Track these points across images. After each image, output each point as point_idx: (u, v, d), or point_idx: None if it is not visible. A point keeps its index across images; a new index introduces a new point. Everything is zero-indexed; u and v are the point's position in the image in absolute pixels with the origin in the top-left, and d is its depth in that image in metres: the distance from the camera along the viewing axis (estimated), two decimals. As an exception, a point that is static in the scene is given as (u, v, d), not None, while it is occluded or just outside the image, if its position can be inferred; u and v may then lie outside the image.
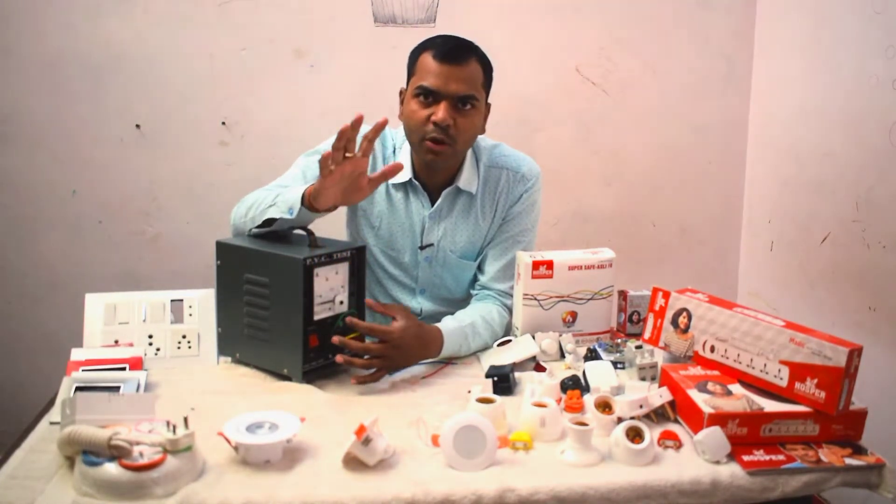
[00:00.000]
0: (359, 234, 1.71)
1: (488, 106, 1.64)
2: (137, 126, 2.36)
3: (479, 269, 1.74)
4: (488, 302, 1.68)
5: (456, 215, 1.68)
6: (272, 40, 2.36)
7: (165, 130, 2.37)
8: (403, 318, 1.43)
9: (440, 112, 1.53)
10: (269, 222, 1.45)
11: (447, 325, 1.53)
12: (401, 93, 1.64)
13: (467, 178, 1.66)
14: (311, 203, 1.39)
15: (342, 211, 1.73)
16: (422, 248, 1.68)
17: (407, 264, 1.70)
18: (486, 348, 1.59)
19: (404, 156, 1.66)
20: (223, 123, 2.39)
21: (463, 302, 1.73)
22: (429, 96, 1.54)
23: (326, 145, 1.64)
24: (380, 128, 1.37)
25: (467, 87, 1.54)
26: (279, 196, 1.44)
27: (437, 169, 1.64)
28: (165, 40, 2.31)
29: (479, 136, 1.67)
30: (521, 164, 1.71)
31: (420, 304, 1.73)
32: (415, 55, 1.60)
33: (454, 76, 1.53)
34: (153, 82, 2.33)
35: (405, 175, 1.64)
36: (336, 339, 1.36)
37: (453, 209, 1.68)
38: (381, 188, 1.66)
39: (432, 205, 1.67)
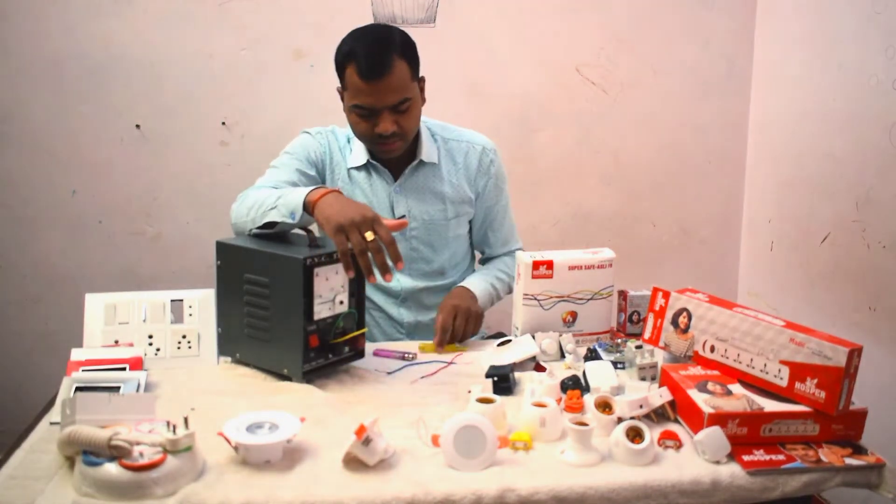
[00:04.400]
0: None
1: (422, 80, 1.68)
2: (137, 126, 2.36)
3: (480, 245, 1.91)
4: (495, 260, 1.88)
5: (420, 185, 1.76)
6: (272, 40, 2.36)
7: (165, 130, 2.37)
8: (444, 302, 1.65)
9: (382, 124, 1.59)
10: (269, 224, 1.45)
11: (469, 280, 1.74)
12: (339, 92, 1.68)
13: (428, 151, 1.75)
14: (314, 214, 1.39)
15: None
16: None
17: None
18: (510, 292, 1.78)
19: (359, 143, 1.74)
20: (223, 123, 2.39)
21: (442, 273, 1.82)
22: (366, 110, 1.59)
23: (289, 147, 1.76)
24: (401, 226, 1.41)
25: (399, 94, 1.59)
26: (281, 198, 1.43)
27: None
28: (165, 40, 2.31)
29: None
30: (477, 138, 1.84)
31: (399, 282, 1.78)
32: (340, 65, 1.61)
33: (384, 90, 1.56)
34: (153, 82, 2.33)
35: (362, 158, 1.73)
36: (437, 345, 1.57)
37: (418, 180, 1.76)
38: (343, 174, 1.76)
39: (395, 180, 1.75)
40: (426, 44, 2.39)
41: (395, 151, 1.67)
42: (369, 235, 1.29)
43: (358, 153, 1.74)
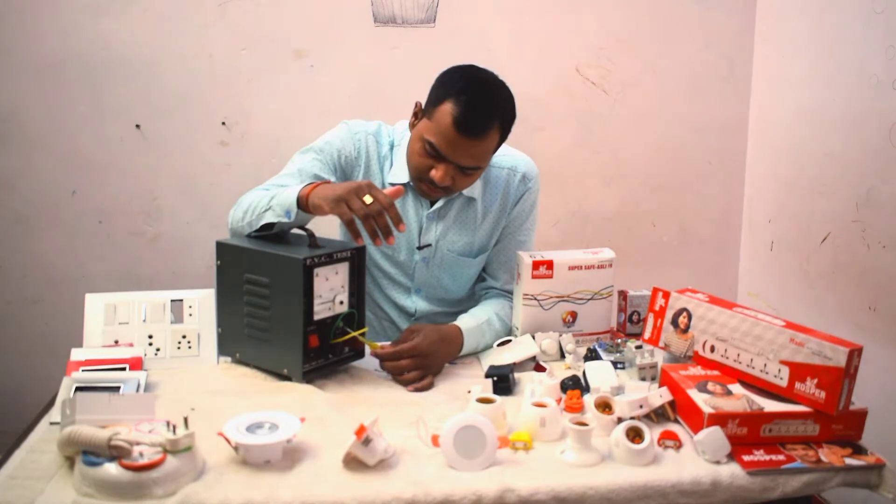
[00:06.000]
0: None
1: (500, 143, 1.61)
2: (137, 126, 2.36)
3: (485, 271, 1.76)
4: (499, 298, 1.70)
5: (455, 216, 1.68)
6: (272, 40, 2.36)
7: (165, 130, 2.37)
8: (418, 331, 1.45)
9: (441, 173, 1.51)
10: (267, 226, 1.45)
11: (465, 322, 1.55)
12: (416, 106, 1.59)
13: (471, 185, 1.65)
14: (309, 207, 1.38)
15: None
16: (419, 248, 1.68)
17: (403, 263, 1.70)
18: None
19: (402, 153, 1.65)
20: (223, 123, 2.39)
21: (459, 302, 1.74)
22: (435, 151, 1.51)
23: (321, 143, 1.65)
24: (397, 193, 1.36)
25: (475, 161, 1.52)
26: (274, 199, 1.42)
27: None
28: (165, 40, 2.31)
29: None
30: (521, 163, 1.72)
31: (414, 303, 1.73)
32: (440, 94, 1.51)
33: (465, 149, 1.49)
34: (153, 82, 2.33)
35: (404, 176, 1.63)
36: (374, 352, 1.42)
37: (452, 210, 1.68)
38: (379, 186, 1.65)
39: (431, 205, 1.67)
40: (426, 44, 2.42)
41: (434, 198, 1.62)
42: (368, 199, 1.31)
43: (399, 170, 1.64)
